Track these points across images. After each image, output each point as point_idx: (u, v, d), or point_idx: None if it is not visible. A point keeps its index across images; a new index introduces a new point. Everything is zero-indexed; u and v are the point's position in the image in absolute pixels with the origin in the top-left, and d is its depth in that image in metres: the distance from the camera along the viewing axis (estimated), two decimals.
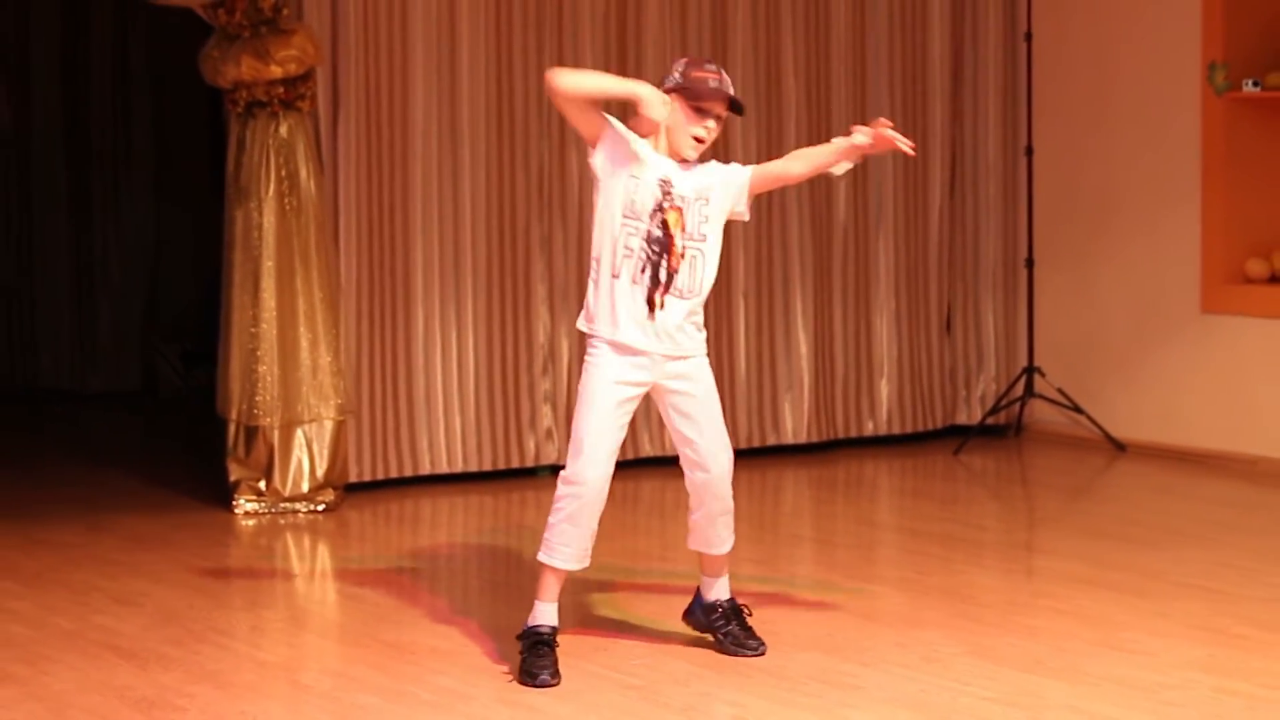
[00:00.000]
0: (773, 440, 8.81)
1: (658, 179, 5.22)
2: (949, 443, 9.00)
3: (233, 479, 7.63)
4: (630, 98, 5.19)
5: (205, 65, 7.65)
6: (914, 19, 9.05)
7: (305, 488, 7.63)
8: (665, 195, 5.21)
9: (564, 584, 5.33)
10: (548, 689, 5.09)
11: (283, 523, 7.48)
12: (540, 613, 5.29)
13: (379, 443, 8.00)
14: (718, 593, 5.50)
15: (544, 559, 5.28)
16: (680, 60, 5.35)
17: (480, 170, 8.13)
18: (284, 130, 7.54)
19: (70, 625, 5.84)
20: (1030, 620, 5.77)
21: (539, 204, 8.25)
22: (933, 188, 9.14)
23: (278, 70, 7.46)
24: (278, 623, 5.99)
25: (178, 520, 7.48)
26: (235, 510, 7.58)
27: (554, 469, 8.31)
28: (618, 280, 5.20)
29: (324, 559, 7.08)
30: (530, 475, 8.28)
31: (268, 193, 7.53)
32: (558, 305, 8.28)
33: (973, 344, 9.32)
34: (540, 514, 7.68)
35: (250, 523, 7.48)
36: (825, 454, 8.85)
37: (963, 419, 9.26)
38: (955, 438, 9.05)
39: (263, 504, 7.59)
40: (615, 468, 5.30)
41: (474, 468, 8.19)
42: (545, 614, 5.29)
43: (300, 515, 7.57)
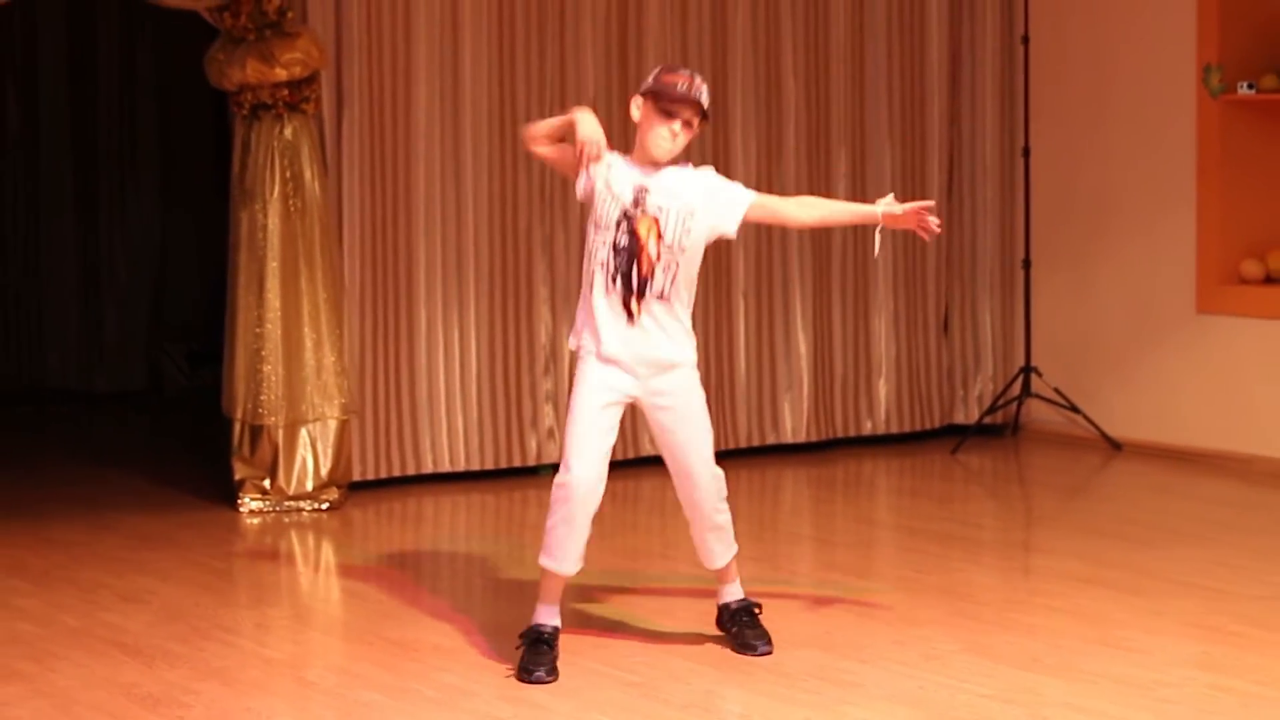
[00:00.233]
0: (772, 439, 8.81)
1: (633, 186, 5.27)
2: (947, 442, 9.00)
3: (238, 478, 7.63)
4: (566, 122, 5.38)
5: (210, 68, 7.65)
6: (912, 22, 9.04)
7: (309, 486, 7.63)
8: (637, 204, 5.26)
9: (565, 587, 5.35)
10: (544, 685, 5.10)
11: (287, 521, 7.48)
12: (541, 613, 5.34)
13: (382, 442, 8.00)
14: (727, 596, 5.57)
15: (544, 562, 5.33)
16: (656, 69, 5.42)
17: (482, 172, 8.13)
18: (288, 132, 7.54)
19: (77, 622, 5.84)
20: (1027, 618, 5.77)
21: (540, 205, 8.25)
22: (930, 189, 9.13)
23: (282, 73, 7.46)
24: (283, 620, 5.99)
25: (183, 519, 7.48)
26: (240, 509, 7.58)
27: (555, 468, 8.29)
28: (594, 293, 5.27)
29: (328, 557, 7.08)
30: (532, 474, 8.28)
31: (272, 194, 7.53)
32: (559, 306, 8.28)
33: (970, 344, 9.32)
34: (542, 512, 7.70)
35: (255, 521, 7.48)
36: (824, 453, 8.85)
37: (960, 418, 9.26)
38: (953, 437, 9.05)
39: (267, 502, 7.59)
40: (613, 467, 5.34)
41: (476, 467, 8.19)
42: (546, 614, 5.33)
43: (304, 514, 7.57)
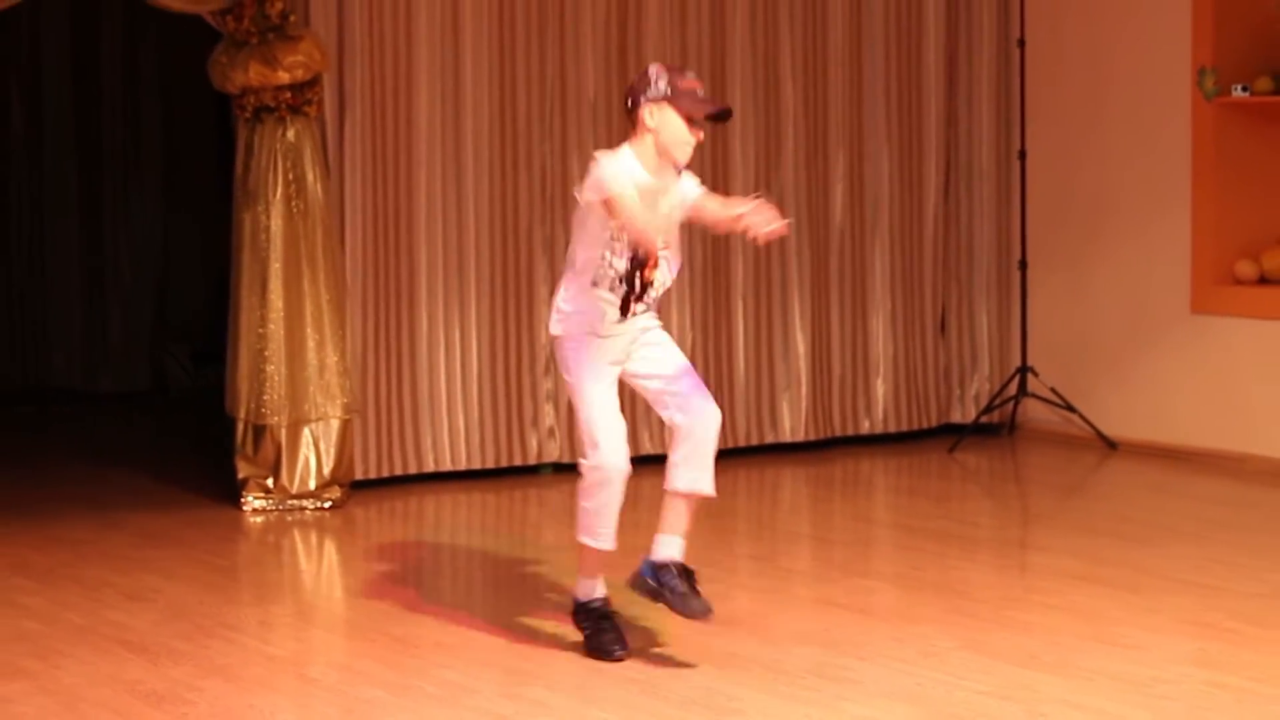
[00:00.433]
0: (771, 439, 8.81)
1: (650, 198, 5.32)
2: (944, 441, 9.00)
3: (241, 477, 7.63)
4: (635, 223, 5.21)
5: (214, 71, 7.65)
6: (909, 25, 9.04)
7: (312, 485, 7.63)
8: (637, 264, 5.34)
9: (565, 583, 5.37)
10: (622, 661, 5.23)
11: (290, 520, 7.48)
12: (591, 587, 5.42)
13: (384, 441, 8.00)
14: (672, 551, 5.37)
15: (588, 541, 5.36)
16: (657, 69, 5.36)
17: (483, 173, 8.13)
18: (291, 135, 7.54)
19: (82, 620, 5.84)
20: (1024, 615, 5.77)
21: (541, 206, 8.25)
22: (928, 191, 9.14)
23: (285, 76, 7.46)
24: (285, 618, 5.99)
25: (187, 517, 7.48)
26: (244, 507, 7.58)
27: (556, 467, 8.32)
28: (597, 289, 5.32)
29: (330, 555, 7.08)
30: (533, 473, 8.28)
31: (275, 196, 7.53)
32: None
33: (967, 344, 9.31)
34: (543, 510, 7.75)
35: (258, 520, 7.48)
36: (822, 452, 8.85)
37: (957, 418, 9.26)
38: (950, 436, 9.05)
39: (270, 501, 7.59)
40: None
41: (477, 465, 8.18)
42: (595, 588, 5.42)
43: (307, 512, 7.57)
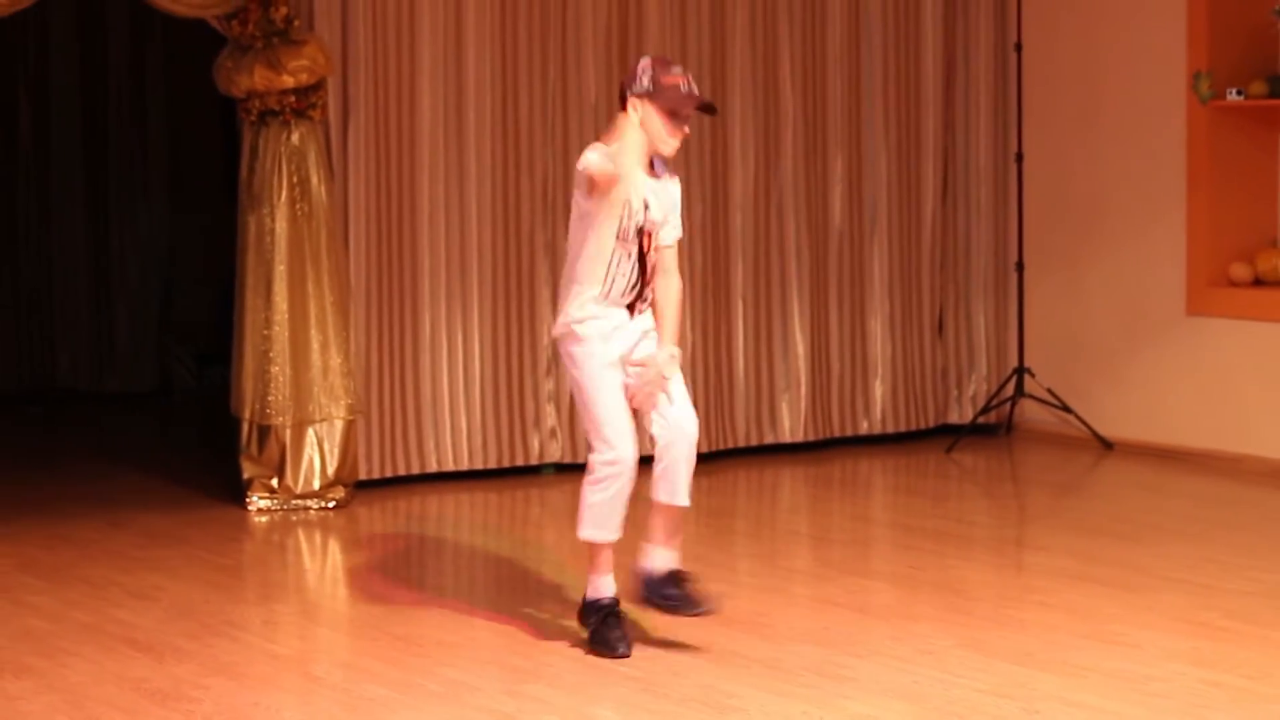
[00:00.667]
0: (770, 439, 8.80)
1: (643, 197, 5.36)
2: (941, 441, 9.00)
3: (246, 477, 7.63)
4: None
5: (219, 75, 7.65)
6: (907, 29, 9.04)
7: (316, 485, 7.63)
8: (646, 218, 5.36)
9: (567, 582, 5.37)
10: (626, 659, 5.24)
11: (294, 519, 7.48)
12: (601, 585, 5.41)
13: (388, 441, 8.00)
14: (661, 562, 5.44)
15: (595, 536, 5.36)
16: (644, 63, 5.40)
17: (486, 176, 8.13)
18: (295, 138, 7.54)
19: (88, 619, 5.84)
20: (1020, 614, 5.77)
21: (543, 209, 8.25)
22: (925, 193, 9.14)
23: (289, 80, 7.46)
24: (290, 616, 5.99)
25: (192, 517, 7.48)
26: (248, 507, 7.58)
27: (558, 467, 8.32)
28: (609, 296, 5.37)
29: (334, 555, 7.08)
30: (535, 473, 8.28)
31: (280, 199, 7.53)
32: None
33: (964, 345, 9.31)
34: (545, 510, 7.75)
35: (263, 519, 7.48)
36: (821, 452, 8.84)
37: (955, 418, 9.25)
38: (947, 436, 9.05)
39: (275, 501, 7.59)
40: None
41: (480, 466, 8.18)
42: (606, 586, 5.41)
43: (311, 512, 7.57)
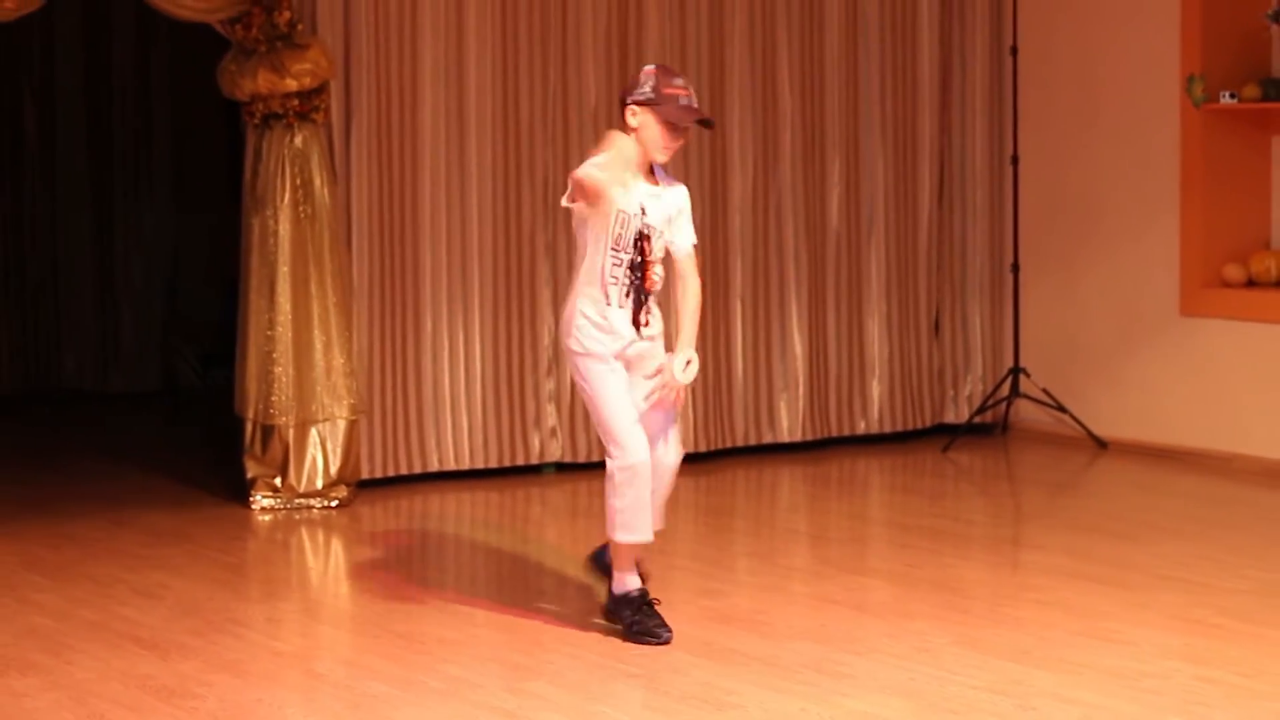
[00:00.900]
0: (769, 438, 8.80)
1: (639, 204, 5.38)
2: (938, 441, 9.00)
3: (250, 476, 7.63)
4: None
5: (223, 78, 7.65)
6: (904, 33, 9.04)
7: (319, 484, 7.63)
8: (644, 224, 5.39)
9: (568, 579, 5.38)
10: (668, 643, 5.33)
11: (298, 518, 7.48)
12: (627, 581, 5.47)
13: (390, 441, 7.99)
14: (631, 585, 5.54)
15: (626, 538, 5.42)
16: (647, 70, 5.43)
17: (487, 178, 8.13)
18: (299, 141, 7.54)
19: (93, 616, 5.84)
20: (1016, 611, 5.77)
21: (544, 210, 8.25)
22: (922, 196, 9.13)
23: (293, 83, 7.46)
24: (293, 614, 5.99)
25: (197, 516, 7.48)
26: (252, 506, 7.58)
27: (558, 466, 8.32)
28: (609, 306, 5.41)
29: (337, 553, 7.08)
30: (535, 472, 8.28)
31: (283, 201, 7.53)
32: (562, 309, 8.26)
33: (960, 346, 9.31)
34: (545, 509, 7.75)
35: (266, 518, 7.48)
36: (819, 452, 8.85)
37: (951, 418, 9.25)
38: (944, 436, 9.05)
39: (278, 500, 7.59)
40: None
41: (481, 465, 8.18)
42: (631, 581, 5.47)
43: (314, 511, 7.57)
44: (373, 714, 4.81)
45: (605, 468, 5.44)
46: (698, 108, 5.43)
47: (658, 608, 5.47)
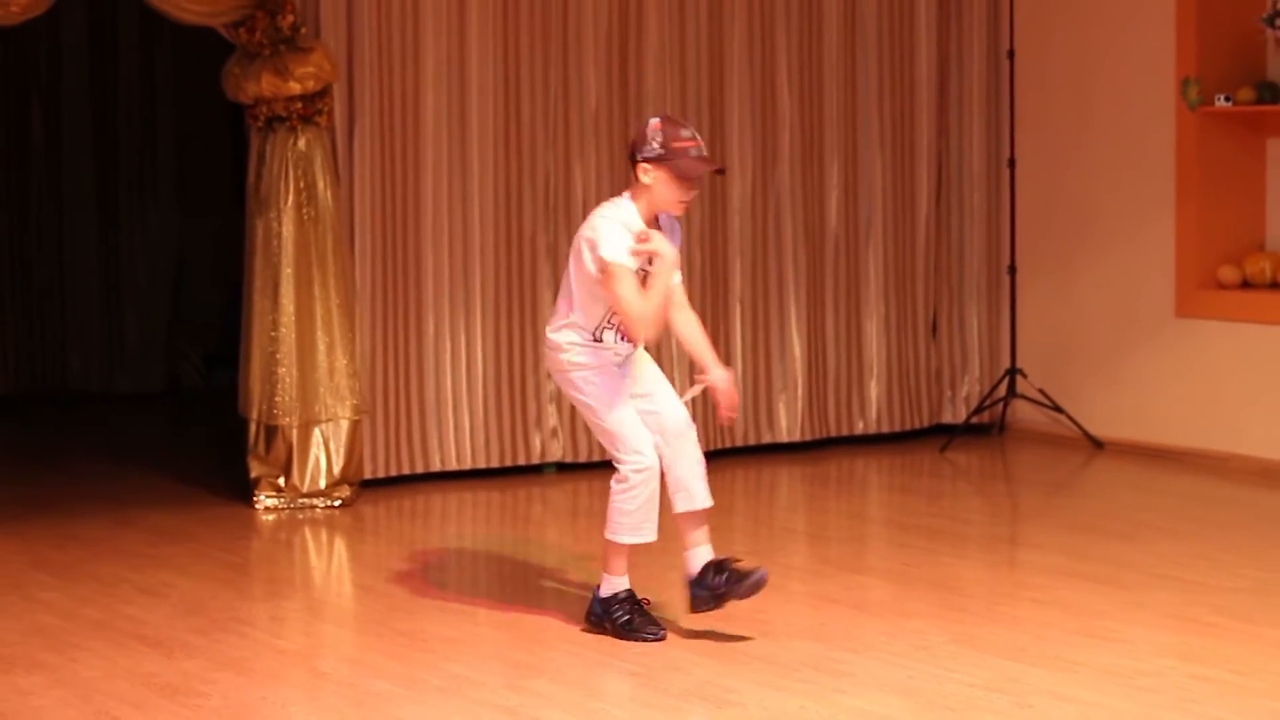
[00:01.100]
0: (768, 439, 8.80)
1: (647, 256, 5.40)
2: (935, 441, 9.00)
3: (253, 476, 7.64)
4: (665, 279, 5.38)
5: (227, 82, 7.65)
6: (902, 37, 9.04)
7: (323, 484, 7.63)
8: (644, 275, 5.40)
9: (568, 578, 5.39)
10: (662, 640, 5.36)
11: (301, 518, 7.48)
12: (615, 583, 5.46)
13: (393, 441, 8.00)
14: (701, 560, 5.46)
15: (630, 539, 5.41)
16: (654, 125, 5.36)
17: (489, 181, 8.13)
18: (302, 144, 7.54)
19: (99, 615, 5.84)
20: (1013, 610, 5.77)
21: (545, 213, 8.25)
22: (920, 198, 9.14)
23: (296, 87, 7.46)
24: (296, 613, 5.99)
25: (201, 515, 7.48)
26: (256, 506, 7.58)
27: (559, 466, 8.32)
28: (597, 340, 5.45)
29: (340, 552, 7.08)
30: (537, 472, 8.28)
31: (287, 203, 7.53)
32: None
33: (958, 347, 9.31)
34: (546, 508, 7.75)
35: (270, 518, 7.48)
36: (818, 452, 8.85)
37: (948, 418, 9.25)
38: (941, 436, 9.05)
39: (282, 500, 7.59)
40: (612, 467, 5.47)
41: (483, 465, 8.18)
42: (620, 583, 5.47)
43: (318, 510, 7.57)
44: (376, 712, 4.81)
45: (611, 470, 5.43)
46: (708, 157, 5.40)
47: (647, 608, 5.48)
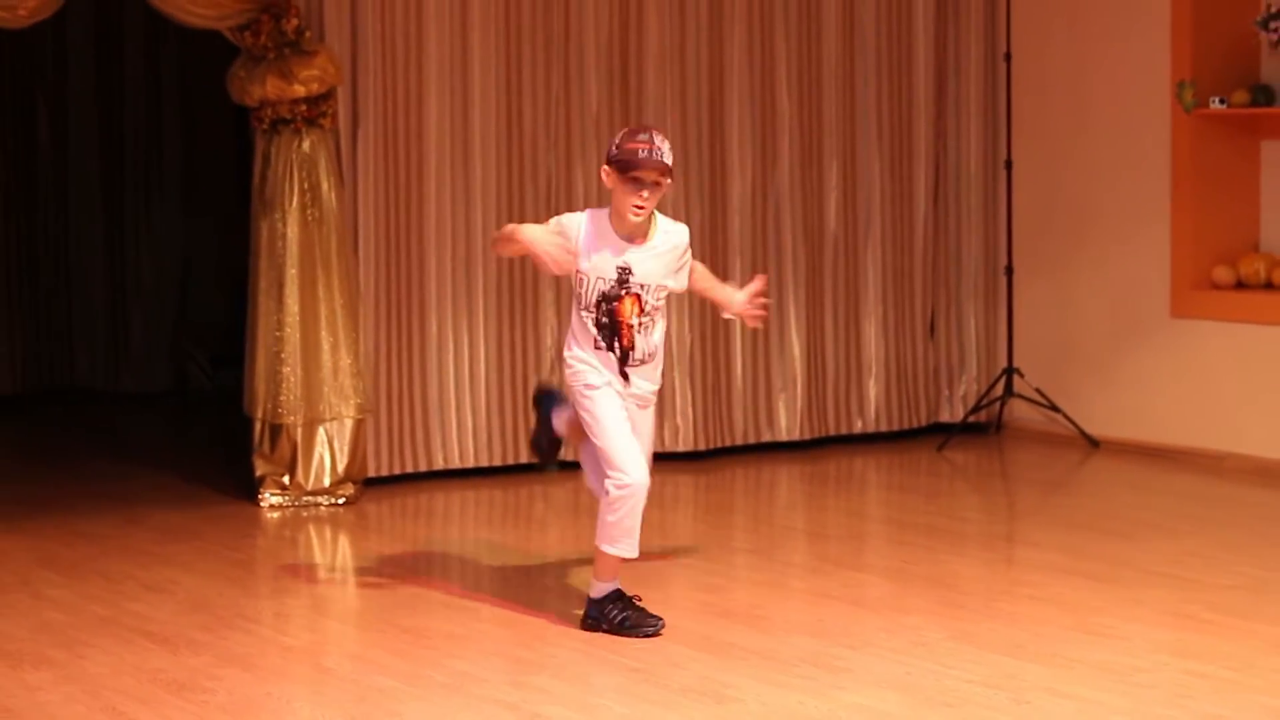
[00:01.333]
0: (768, 437, 8.81)
1: (616, 267, 5.39)
2: (933, 439, 9.00)
3: (258, 474, 7.64)
4: (523, 249, 5.51)
5: (232, 84, 7.65)
6: (900, 41, 9.04)
7: (327, 482, 7.63)
8: (623, 284, 5.42)
9: (570, 576, 5.39)
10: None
11: (305, 515, 7.48)
12: (606, 586, 5.49)
13: (396, 439, 8.00)
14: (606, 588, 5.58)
15: (617, 552, 5.45)
16: (621, 134, 5.46)
17: (491, 182, 8.13)
18: (306, 146, 7.55)
19: (105, 612, 5.85)
20: (1010, 607, 5.77)
21: (546, 214, 8.19)
22: (918, 199, 9.14)
23: (300, 89, 7.46)
24: (301, 609, 5.99)
25: (207, 513, 7.48)
26: (261, 504, 7.58)
27: (561, 465, 8.30)
28: (593, 347, 5.46)
29: (344, 549, 7.08)
30: (539, 470, 8.28)
31: (291, 205, 7.53)
32: (563, 310, 8.28)
33: (955, 346, 9.31)
34: (548, 506, 7.76)
35: (275, 515, 7.48)
36: (817, 450, 8.85)
37: (946, 417, 9.25)
38: (939, 435, 9.05)
39: (287, 498, 7.60)
40: None
41: (485, 463, 8.19)
42: (611, 585, 5.50)
43: (322, 508, 7.57)
44: (379, 708, 4.82)
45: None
46: (659, 160, 5.33)
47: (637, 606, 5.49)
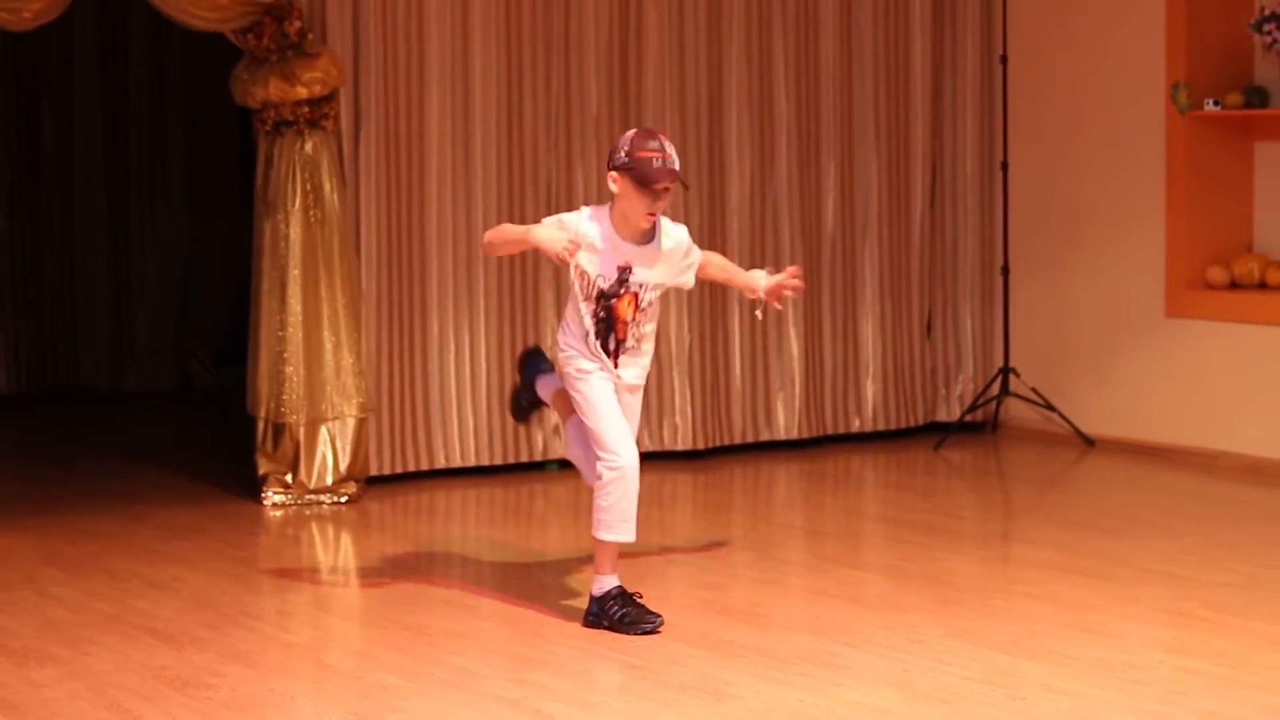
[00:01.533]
0: (766, 436, 8.80)
1: (617, 266, 5.43)
2: (930, 438, 9.00)
3: (261, 473, 7.64)
4: (521, 239, 5.63)
5: (235, 87, 7.65)
6: (897, 42, 9.04)
7: (329, 481, 7.63)
8: (621, 283, 5.46)
9: (570, 573, 5.39)
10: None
11: (308, 514, 7.48)
12: (606, 582, 5.49)
13: (398, 438, 8.00)
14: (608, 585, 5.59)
15: (610, 537, 5.46)
16: (627, 135, 5.46)
17: (492, 183, 8.13)
18: (309, 147, 7.55)
19: (110, 609, 5.85)
20: (1007, 604, 5.77)
21: (546, 214, 8.19)
22: (915, 200, 9.14)
23: (303, 91, 7.46)
24: (303, 607, 5.99)
25: (210, 511, 7.48)
26: (264, 502, 7.58)
27: (561, 463, 8.32)
28: (586, 338, 5.54)
29: (346, 547, 7.08)
30: (539, 469, 8.29)
31: (294, 205, 7.53)
32: (564, 309, 8.26)
33: (952, 346, 9.31)
34: (549, 505, 7.76)
35: (278, 514, 7.48)
36: (815, 449, 8.85)
37: (943, 416, 9.25)
38: (936, 434, 9.05)
39: (289, 496, 7.60)
40: None
41: (486, 462, 8.19)
42: (610, 581, 5.50)
43: (324, 506, 7.57)
44: (381, 704, 4.82)
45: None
46: (674, 170, 5.38)
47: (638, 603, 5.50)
